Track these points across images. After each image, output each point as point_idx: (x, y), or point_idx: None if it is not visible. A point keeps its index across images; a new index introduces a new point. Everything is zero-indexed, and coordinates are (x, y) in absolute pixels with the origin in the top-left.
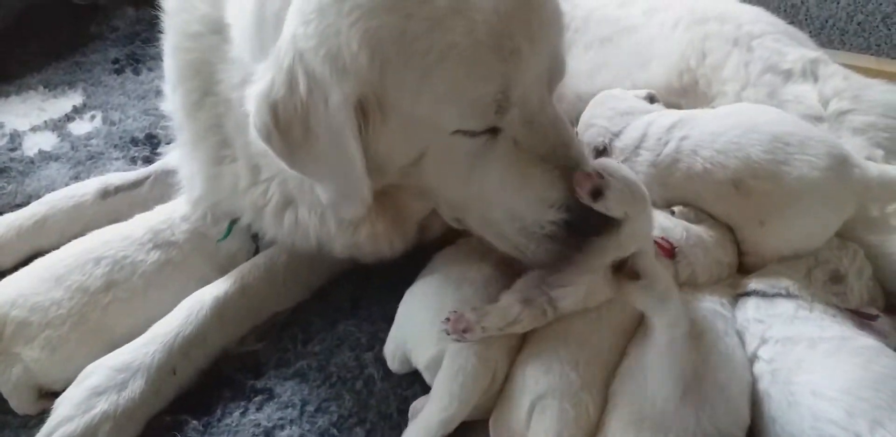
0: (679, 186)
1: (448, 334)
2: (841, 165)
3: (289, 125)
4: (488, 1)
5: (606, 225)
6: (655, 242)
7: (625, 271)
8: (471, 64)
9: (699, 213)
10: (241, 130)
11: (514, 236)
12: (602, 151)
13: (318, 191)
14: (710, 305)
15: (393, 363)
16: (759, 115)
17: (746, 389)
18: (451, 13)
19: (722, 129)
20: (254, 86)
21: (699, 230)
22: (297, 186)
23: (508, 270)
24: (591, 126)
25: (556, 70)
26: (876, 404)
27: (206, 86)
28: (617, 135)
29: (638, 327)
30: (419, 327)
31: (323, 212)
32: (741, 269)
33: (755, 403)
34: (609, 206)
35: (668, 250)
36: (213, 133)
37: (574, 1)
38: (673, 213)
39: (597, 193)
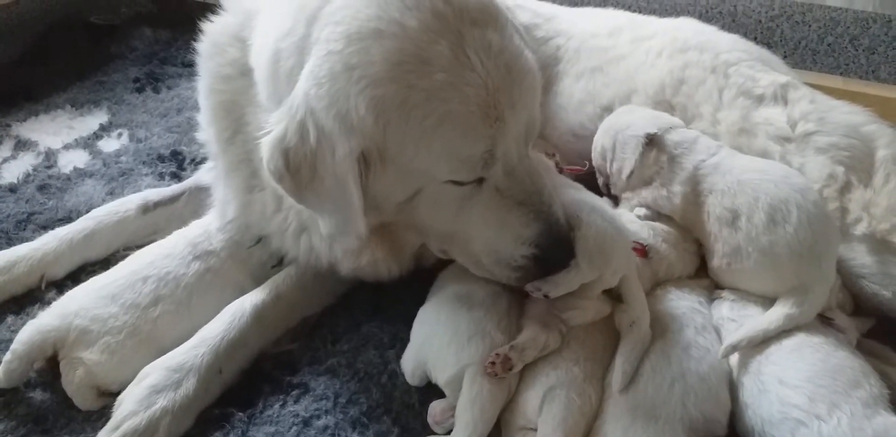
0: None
1: (495, 375)
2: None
3: (298, 169)
4: (478, 77)
5: (568, 260)
6: None
7: (612, 293)
8: (463, 129)
9: (658, 213)
10: None
11: (491, 265)
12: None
13: (319, 222)
14: (690, 303)
15: (413, 380)
16: (791, 175)
17: (725, 378)
18: (447, 86)
19: (753, 165)
20: (268, 134)
21: (663, 227)
22: (310, 217)
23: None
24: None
25: (531, 128)
26: (834, 390)
27: (236, 125)
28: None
29: None
30: (438, 349)
31: (331, 241)
32: None
33: (730, 390)
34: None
35: (641, 251)
36: (245, 165)
37: (568, 33)
38: (639, 216)
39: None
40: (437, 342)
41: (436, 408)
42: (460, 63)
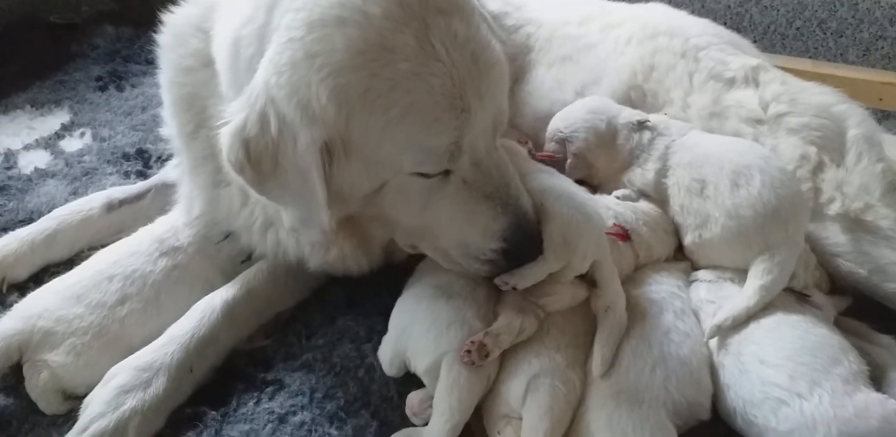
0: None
1: (472, 364)
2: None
3: (259, 160)
4: (444, 67)
5: (537, 253)
6: (609, 233)
7: (587, 277)
8: (428, 120)
9: (638, 194)
10: None
11: (460, 258)
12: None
13: (283, 215)
14: (668, 287)
15: (391, 369)
16: (755, 146)
17: (706, 362)
18: (411, 76)
19: (720, 139)
20: (228, 124)
21: (643, 207)
22: (277, 212)
23: None
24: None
25: (499, 120)
26: (814, 367)
27: (198, 119)
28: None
29: None
30: (417, 337)
31: (296, 235)
32: None
33: (711, 373)
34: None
35: (624, 236)
36: (210, 160)
37: (539, 21)
38: (618, 197)
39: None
40: (417, 330)
41: (413, 399)
42: (425, 52)
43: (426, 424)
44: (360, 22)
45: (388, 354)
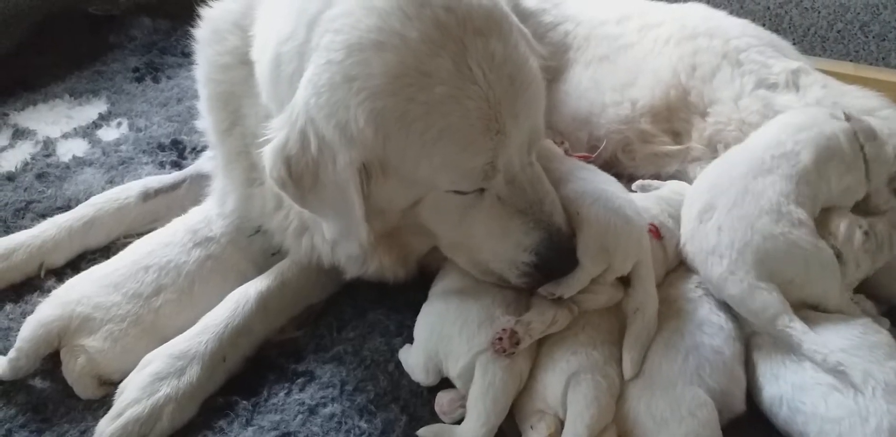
0: None
1: (503, 351)
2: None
3: (300, 176)
4: (480, 89)
5: (571, 267)
6: None
7: (624, 277)
8: (463, 143)
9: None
10: None
11: (496, 271)
12: None
13: (323, 227)
14: (704, 290)
15: (427, 377)
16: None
17: (739, 355)
18: (447, 99)
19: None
20: (270, 142)
21: (666, 194)
22: (311, 217)
23: None
24: None
25: (534, 137)
26: (869, 360)
27: (233, 117)
28: None
29: None
30: (449, 339)
31: (335, 246)
32: None
33: (758, 365)
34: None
35: (656, 233)
36: (244, 158)
37: (577, 19)
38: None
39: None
40: (448, 333)
41: (443, 398)
42: (462, 75)
43: (455, 422)
44: (398, 46)
45: (420, 359)
